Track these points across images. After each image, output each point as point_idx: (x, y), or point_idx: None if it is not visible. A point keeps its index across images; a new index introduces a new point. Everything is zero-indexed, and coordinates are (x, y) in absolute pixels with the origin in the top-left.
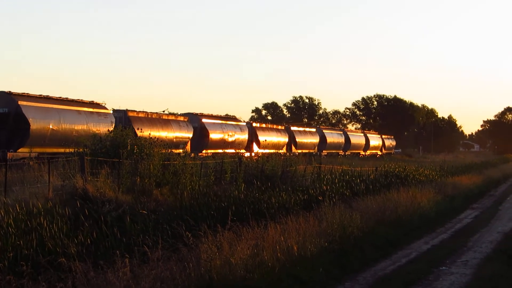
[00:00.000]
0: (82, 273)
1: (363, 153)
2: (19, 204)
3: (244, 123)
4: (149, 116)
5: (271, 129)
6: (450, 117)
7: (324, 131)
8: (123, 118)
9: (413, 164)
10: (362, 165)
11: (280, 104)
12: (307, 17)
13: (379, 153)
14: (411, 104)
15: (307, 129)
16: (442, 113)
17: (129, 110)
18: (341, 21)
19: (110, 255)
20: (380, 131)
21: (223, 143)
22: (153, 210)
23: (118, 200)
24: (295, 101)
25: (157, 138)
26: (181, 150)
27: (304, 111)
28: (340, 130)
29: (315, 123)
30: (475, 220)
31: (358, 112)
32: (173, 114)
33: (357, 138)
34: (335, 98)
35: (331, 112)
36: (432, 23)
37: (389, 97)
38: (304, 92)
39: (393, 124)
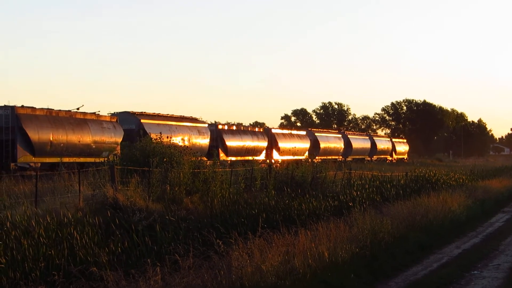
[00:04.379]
0: (113, 282)
1: (369, 159)
2: (49, 214)
3: (206, 125)
4: (53, 114)
5: (244, 132)
6: (479, 121)
7: (316, 134)
8: (10, 117)
9: (443, 169)
10: (392, 171)
11: (309, 110)
12: (335, 22)
13: (389, 158)
14: (441, 108)
15: (295, 131)
16: (472, 117)
17: (19, 107)
18: (370, 26)
19: (141, 263)
20: (391, 135)
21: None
22: (184, 218)
23: (149, 208)
24: (324, 107)
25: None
26: (104, 159)
27: (333, 117)
28: (339, 133)
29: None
30: (506, 223)
31: (387, 117)
32: (93, 113)
33: (360, 142)
34: (364, 104)
35: (360, 117)
36: (461, 27)
37: (418, 101)
38: (333, 98)
39: (423, 129)
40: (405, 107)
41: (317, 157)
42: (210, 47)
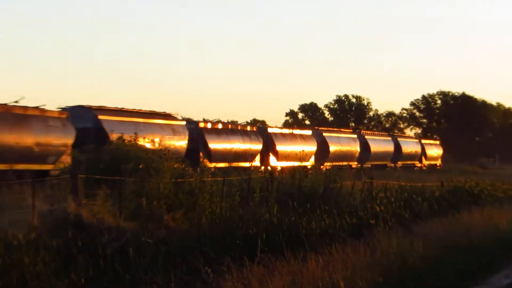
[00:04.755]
0: None
1: (392, 165)
2: None
3: (183, 123)
4: None
5: (233, 132)
6: None
7: (325, 134)
8: None
9: (488, 177)
10: (424, 180)
11: (321, 105)
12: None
13: (418, 164)
14: (484, 102)
15: (298, 131)
16: None
17: None
18: (396, 3)
19: None
20: (422, 135)
21: None
22: (164, 239)
23: (120, 227)
24: (339, 101)
25: None
26: (51, 166)
27: (350, 113)
28: (354, 132)
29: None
30: None
31: (417, 113)
32: (37, 107)
33: (380, 144)
34: (389, 97)
35: (384, 114)
36: (508, 6)
37: (456, 94)
38: (351, 90)
39: (461, 128)
40: (439, 101)
41: (325, 163)
42: (199, 33)
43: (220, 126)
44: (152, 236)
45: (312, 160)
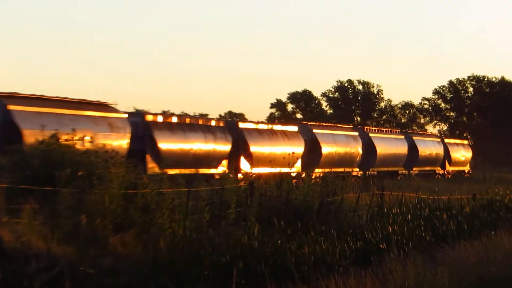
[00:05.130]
0: None
1: (404, 172)
2: None
3: (124, 116)
4: None
5: (191, 128)
6: None
7: (316, 131)
8: None
9: None
10: (450, 191)
11: (317, 94)
12: None
13: (440, 171)
14: None
15: (279, 127)
16: None
17: None
18: None
19: None
20: (449, 132)
21: None
22: (110, 268)
23: (52, 253)
24: (340, 88)
25: None
26: None
27: (356, 104)
28: (355, 129)
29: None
30: None
31: (443, 104)
32: None
33: (390, 144)
34: (406, 83)
35: (400, 105)
36: None
37: (493, 79)
38: (356, 74)
39: (500, 123)
40: (471, 89)
41: (316, 170)
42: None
43: (174, 119)
44: (94, 265)
45: (298, 166)
